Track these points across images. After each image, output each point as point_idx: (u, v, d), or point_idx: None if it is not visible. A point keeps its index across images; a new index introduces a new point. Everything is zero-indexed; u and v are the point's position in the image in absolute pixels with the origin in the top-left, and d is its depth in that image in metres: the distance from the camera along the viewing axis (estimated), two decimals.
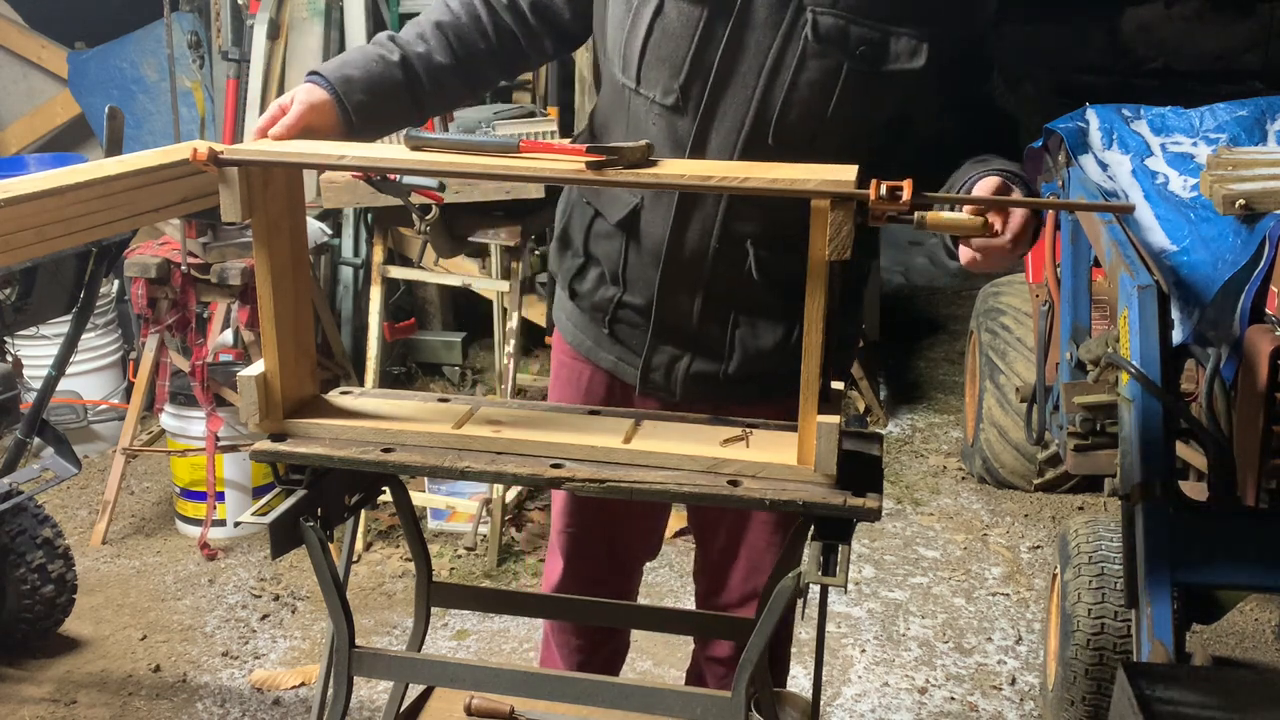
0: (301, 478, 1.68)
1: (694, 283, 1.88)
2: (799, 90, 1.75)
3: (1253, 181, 2.76)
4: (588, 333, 2.04)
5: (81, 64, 5.34)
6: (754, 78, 1.76)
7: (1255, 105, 3.57)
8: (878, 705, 3.06)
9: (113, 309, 4.60)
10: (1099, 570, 2.73)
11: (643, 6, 1.79)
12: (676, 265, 1.87)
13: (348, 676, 1.75)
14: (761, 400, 1.92)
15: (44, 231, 2.30)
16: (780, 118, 1.76)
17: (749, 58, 1.75)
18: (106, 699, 3.02)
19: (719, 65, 1.76)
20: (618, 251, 1.93)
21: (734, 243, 1.84)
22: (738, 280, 1.86)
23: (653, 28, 1.78)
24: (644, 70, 1.81)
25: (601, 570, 2.22)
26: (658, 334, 1.94)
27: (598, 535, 2.19)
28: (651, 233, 1.88)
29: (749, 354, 1.91)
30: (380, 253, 3.87)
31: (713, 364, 1.93)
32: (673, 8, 1.76)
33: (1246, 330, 2.61)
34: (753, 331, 1.90)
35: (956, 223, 1.52)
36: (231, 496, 3.83)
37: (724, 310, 1.89)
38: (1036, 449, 4.03)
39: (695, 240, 1.85)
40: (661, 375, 1.96)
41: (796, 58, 1.74)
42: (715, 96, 1.78)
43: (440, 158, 1.60)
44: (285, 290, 1.70)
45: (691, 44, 1.76)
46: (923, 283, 7.10)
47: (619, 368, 2.01)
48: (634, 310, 1.95)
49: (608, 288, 1.97)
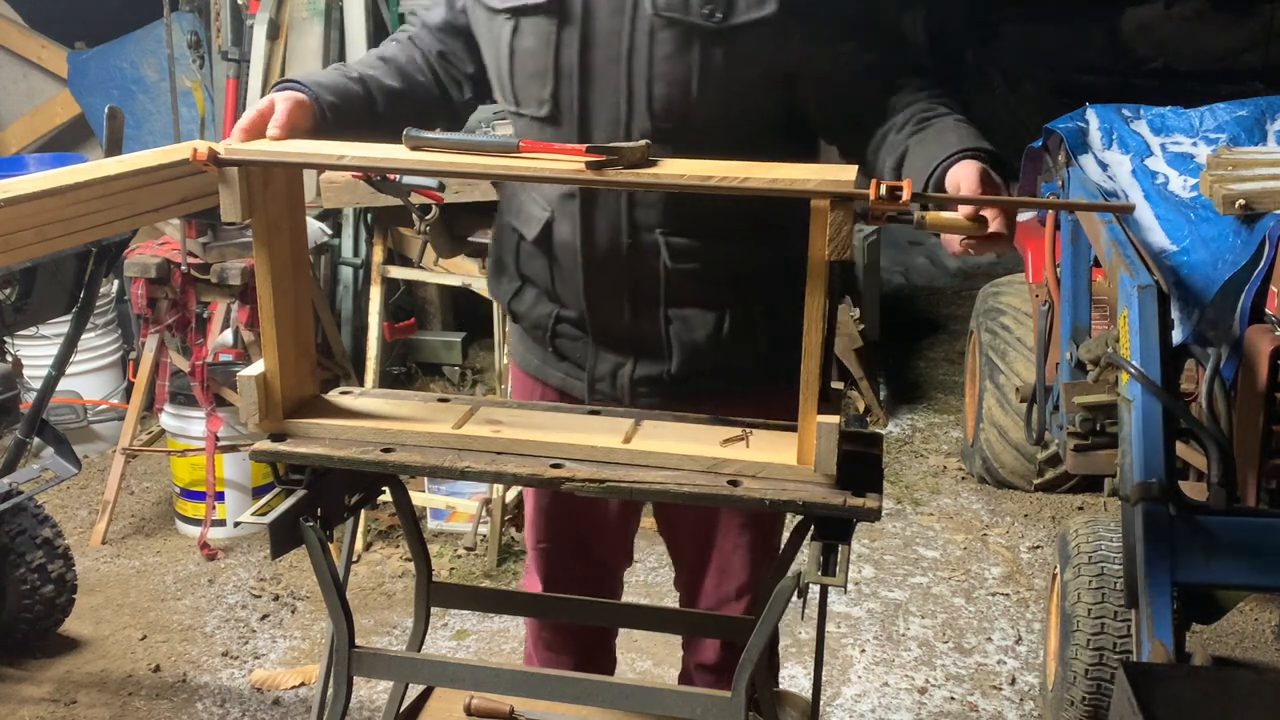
0: (301, 478, 1.68)
1: (618, 285, 1.89)
2: (658, 65, 1.77)
3: (1253, 181, 2.76)
4: (534, 352, 2.07)
5: (81, 64, 5.34)
6: (615, 67, 1.79)
7: (1255, 105, 3.57)
8: (878, 705, 3.06)
9: (113, 309, 4.60)
10: (1099, 570, 2.73)
11: (501, 32, 1.85)
12: (596, 270, 1.89)
13: (348, 676, 1.75)
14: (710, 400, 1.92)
15: (44, 231, 2.30)
16: (650, 100, 1.78)
17: (604, 49, 1.79)
18: (106, 699, 3.02)
19: (579, 65, 1.80)
20: (545, 268, 1.95)
21: (643, 236, 1.85)
22: (657, 274, 1.87)
23: (514, 48, 1.84)
24: (518, 91, 1.87)
25: (579, 582, 2.21)
26: (597, 344, 1.95)
27: (570, 547, 2.19)
28: (566, 243, 1.90)
29: (687, 350, 1.91)
30: (380, 253, 3.87)
31: (656, 366, 1.93)
32: (527, 24, 1.82)
33: (1246, 330, 2.61)
34: (686, 326, 1.90)
35: (957, 223, 1.52)
36: (231, 496, 3.83)
37: (653, 308, 1.90)
38: (1036, 449, 4.02)
39: (607, 241, 1.86)
40: (608, 385, 1.97)
41: (648, 35, 1.76)
42: (584, 96, 1.81)
43: (440, 158, 1.60)
44: (285, 290, 1.70)
45: (549, 53, 1.81)
46: (923, 283, 7.10)
47: (567, 383, 2.02)
48: (571, 324, 1.97)
49: (544, 305, 1.99)
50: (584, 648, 2.30)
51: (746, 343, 1.93)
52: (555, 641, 2.29)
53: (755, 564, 2.13)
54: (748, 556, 2.12)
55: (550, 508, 2.17)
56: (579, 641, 2.29)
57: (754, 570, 2.14)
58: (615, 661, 2.45)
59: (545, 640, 2.29)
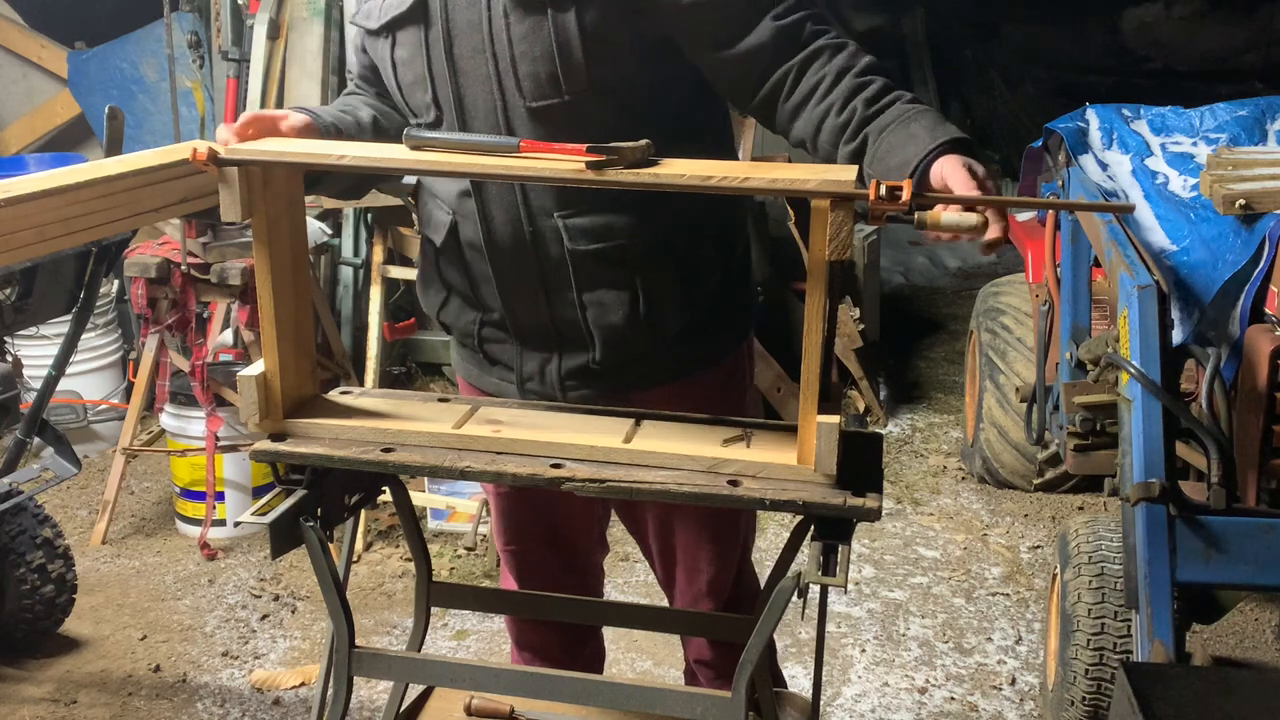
0: (301, 478, 1.68)
1: (528, 277, 1.89)
2: (518, 46, 1.77)
3: (1253, 181, 2.76)
4: (470, 361, 2.08)
5: (81, 64, 5.34)
6: (480, 57, 1.80)
7: (1255, 105, 3.57)
8: (878, 705, 3.06)
9: (113, 309, 4.60)
10: (1099, 570, 2.73)
11: (384, 50, 1.88)
12: (505, 266, 1.89)
13: (348, 676, 1.75)
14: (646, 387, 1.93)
15: (44, 231, 2.30)
16: (518, 82, 1.78)
17: (467, 42, 1.80)
18: (106, 699, 3.02)
19: (448, 63, 1.82)
20: (461, 273, 1.96)
21: (541, 221, 1.85)
22: (563, 259, 1.87)
23: (395, 61, 1.87)
24: (408, 102, 1.90)
25: (556, 580, 2.21)
26: (521, 343, 1.96)
27: (540, 545, 2.20)
28: (471, 242, 1.91)
29: (608, 334, 1.90)
30: (380, 253, 3.87)
31: (580, 356, 1.94)
32: (401, 36, 1.84)
33: (1246, 330, 2.61)
34: (602, 310, 1.89)
35: (957, 223, 1.52)
36: (231, 496, 3.83)
37: (567, 294, 1.89)
38: (1036, 449, 4.02)
39: (508, 233, 1.87)
40: (536, 382, 1.97)
41: (503, 18, 1.77)
42: (458, 93, 1.83)
43: (440, 158, 1.61)
44: (285, 290, 1.70)
45: (422, 58, 1.83)
46: (923, 283, 7.10)
47: (501, 387, 2.03)
48: (494, 326, 1.98)
49: (468, 312, 1.99)
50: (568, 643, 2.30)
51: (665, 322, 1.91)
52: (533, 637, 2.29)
53: (720, 559, 2.14)
54: (712, 551, 2.13)
55: (513, 510, 2.17)
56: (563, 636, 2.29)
57: (719, 566, 2.14)
58: (604, 653, 2.46)
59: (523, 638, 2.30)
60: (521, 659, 2.31)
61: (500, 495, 2.18)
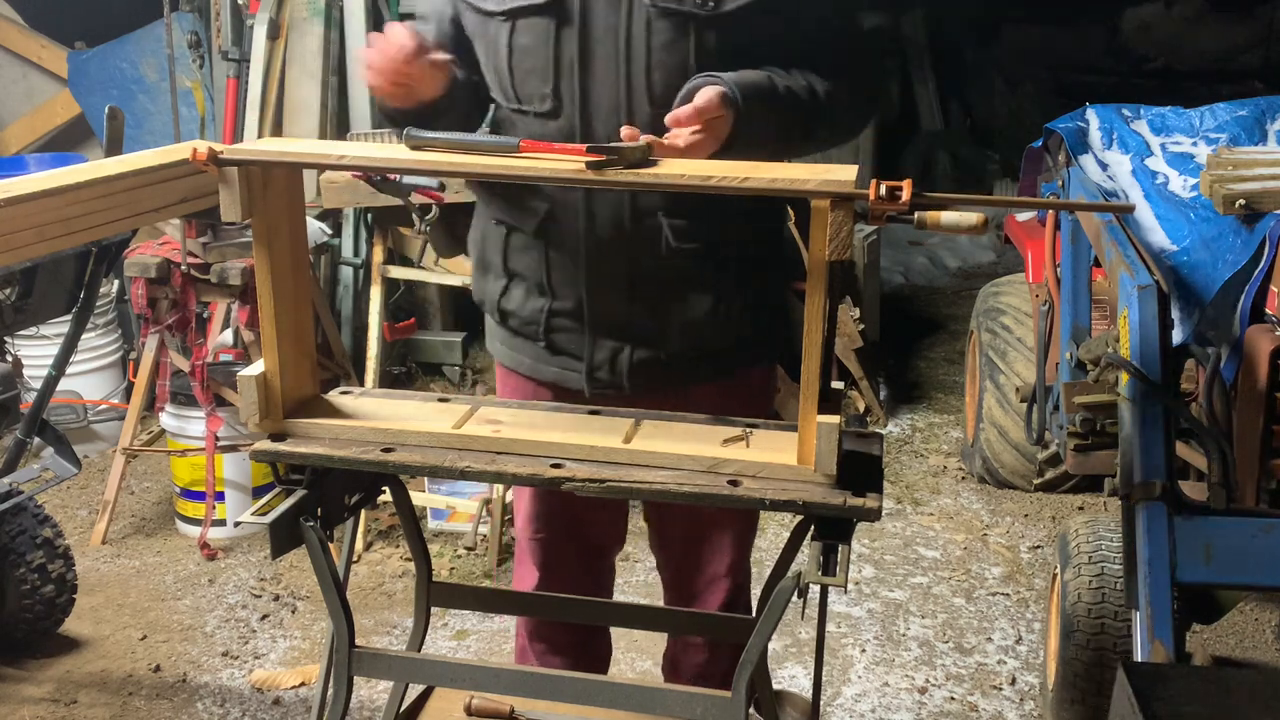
0: (301, 478, 1.68)
1: (618, 270, 1.92)
2: (655, 54, 1.82)
3: (1253, 181, 2.76)
4: (525, 352, 2.07)
5: (81, 64, 5.34)
6: (613, 59, 1.83)
7: (1255, 105, 3.57)
8: (878, 705, 3.06)
9: (113, 309, 4.60)
10: (1099, 570, 2.73)
11: (499, 34, 1.88)
12: (599, 257, 1.91)
13: (348, 676, 1.76)
14: (710, 380, 1.97)
15: (44, 231, 2.30)
16: (649, 88, 1.83)
17: (603, 44, 1.83)
18: (106, 699, 3.02)
19: (579, 58, 1.84)
20: (538, 261, 1.97)
21: (646, 220, 1.88)
22: (658, 256, 1.90)
23: (512, 47, 1.88)
24: (518, 87, 1.90)
25: (575, 571, 2.23)
26: (594, 332, 1.97)
27: (567, 536, 2.20)
28: (567, 232, 1.92)
29: (685, 331, 1.94)
30: (380, 253, 3.87)
31: (653, 349, 1.96)
32: (524, 25, 1.86)
33: (1246, 330, 2.61)
34: (684, 306, 1.93)
35: (957, 223, 1.52)
36: (231, 496, 3.83)
37: (652, 290, 1.93)
38: (1036, 449, 4.02)
39: (610, 227, 1.89)
40: (606, 372, 1.98)
41: (644, 26, 1.81)
42: (585, 88, 1.85)
43: (440, 158, 1.61)
44: (285, 290, 1.70)
45: (549, 49, 1.85)
46: (923, 283, 7.10)
47: (563, 377, 2.03)
48: (566, 316, 1.98)
49: (536, 300, 2.00)
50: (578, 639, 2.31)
51: (736, 322, 1.97)
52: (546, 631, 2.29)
53: (741, 541, 2.18)
54: (732, 532, 2.16)
55: (544, 496, 2.18)
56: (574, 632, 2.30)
57: (739, 548, 2.18)
58: (610, 649, 2.46)
59: (538, 631, 2.30)
60: (533, 650, 2.31)
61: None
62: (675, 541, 2.24)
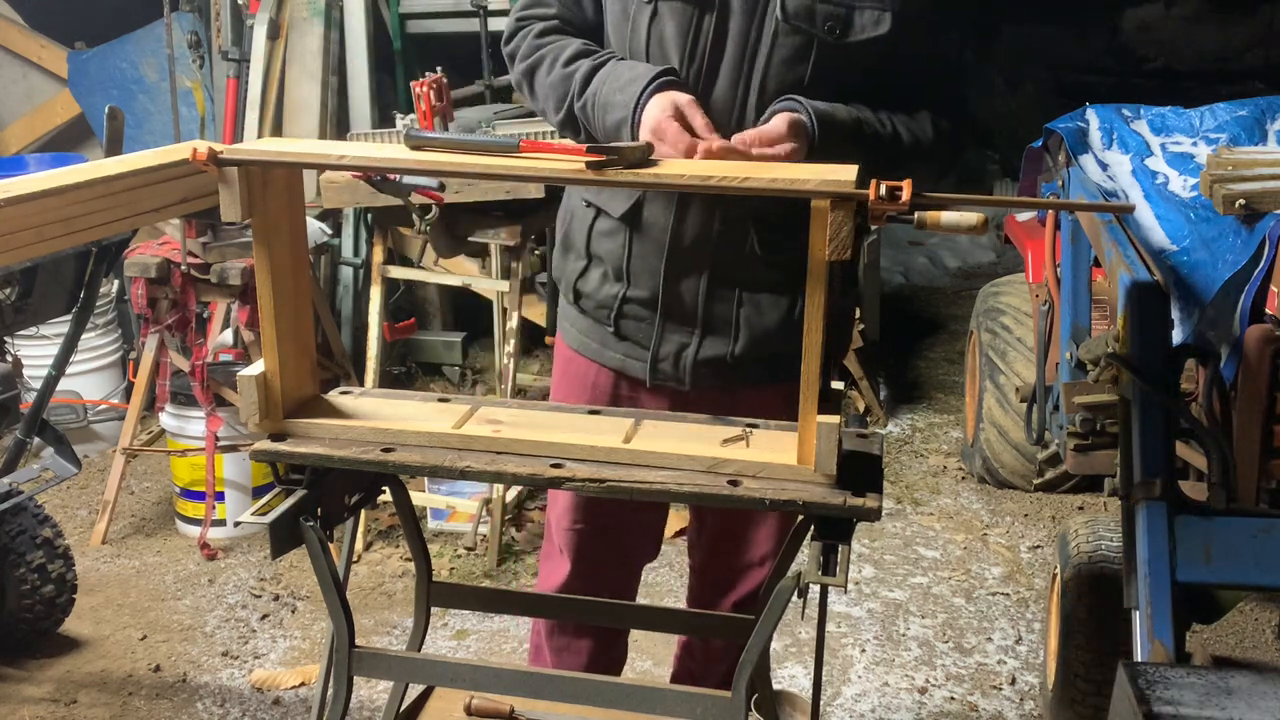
0: (301, 478, 1.68)
1: (699, 267, 1.94)
2: (775, 68, 1.86)
3: (1253, 181, 2.76)
4: (592, 335, 2.08)
5: (81, 64, 5.34)
6: (737, 62, 1.87)
7: (1255, 105, 3.56)
8: (878, 705, 3.06)
9: (113, 309, 4.60)
10: (1099, 570, 2.73)
11: (639, 14, 1.91)
12: (681, 251, 1.93)
13: (348, 676, 1.75)
14: (770, 382, 1.97)
15: (44, 231, 2.30)
16: (762, 96, 1.86)
17: (731, 45, 1.87)
18: (106, 699, 3.02)
19: (708, 55, 1.88)
20: (621, 247, 1.98)
21: (736, 224, 1.91)
22: (741, 260, 1.93)
23: (650, 32, 1.90)
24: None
25: (609, 568, 2.23)
26: (665, 323, 1.99)
27: (605, 531, 2.20)
28: (655, 223, 1.94)
29: (755, 333, 1.96)
30: (380, 253, 3.87)
31: (720, 347, 1.97)
32: (665, 9, 1.88)
33: (1246, 330, 2.61)
34: (757, 310, 1.95)
35: (958, 223, 1.52)
36: (231, 496, 3.83)
37: (728, 291, 1.95)
38: (1036, 449, 4.02)
39: (698, 225, 1.92)
40: (670, 364, 2.00)
41: (771, 38, 1.85)
42: (707, 84, 1.88)
43: (440, 157, 1.61)
44: (285, 290, 1.70)
45: (686, 40, 1.88)
46: (923, 283, 7.10)
47: (627, 364, 2.05)
48: (639, 304, 2.00)
49: (611, 285, 2.01)
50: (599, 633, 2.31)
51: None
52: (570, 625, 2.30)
53: (780, 533, 2.17)
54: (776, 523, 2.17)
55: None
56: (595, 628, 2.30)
57: (778, 539, 2.17)
58: (626, 649, 2.47)
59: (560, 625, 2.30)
60: (550, 646, 2.31)
61: None
62: (710, 526, 2.23)
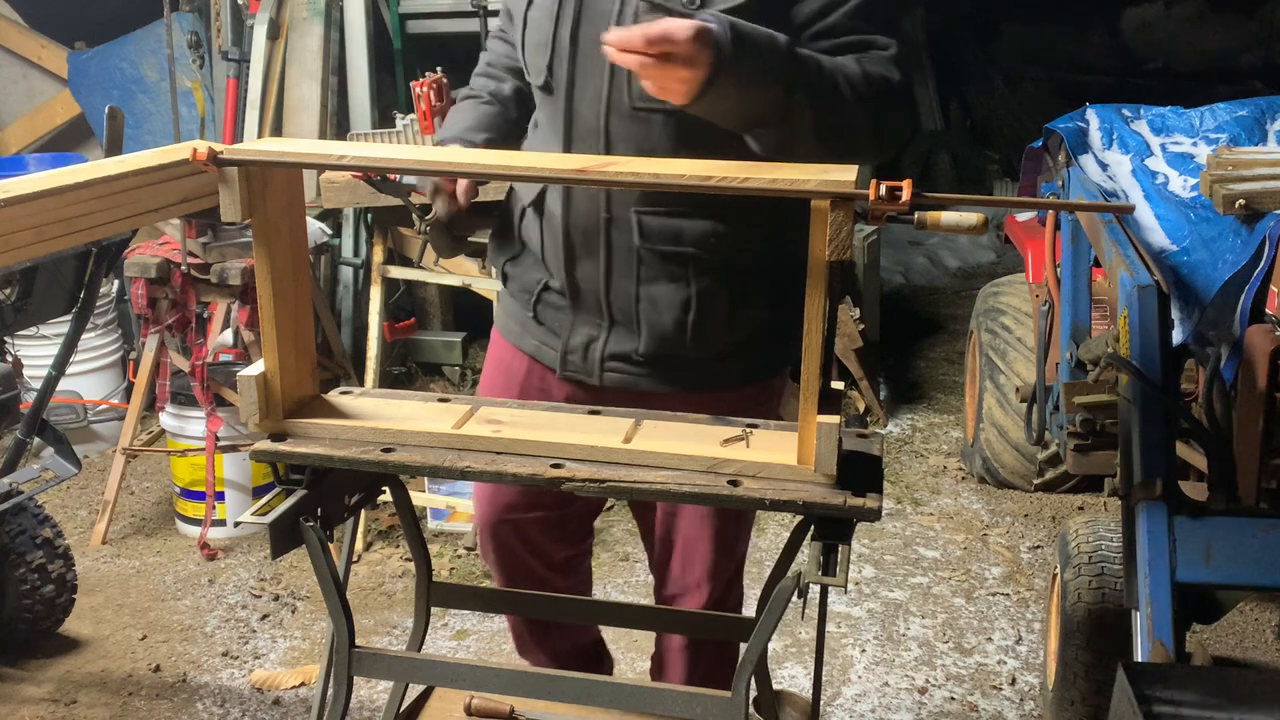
0: (301, 478, 1.68)
1: (595, 257, 1.93)
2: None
3: (1253, 181, 2.76)
4: (515, 318, 2.11)
5: (81, 64, 5.34)
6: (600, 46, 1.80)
7: (1255, 105, 3.57)
8: (878, 705, 3.06)
9: (113, 309, 4.60)
10: (1099, 570, 2.73)
11: (518, 7, 1.94)
12: (577, 239, 1.93)
13: (348, 676, 1.75)
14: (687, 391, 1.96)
15: (44, 231, 2.30)
16: (630, 80, 1.82)
17: (594, 27, 1.84)
18: (106, 699, 3.02)
19: (571, 39, 1.86)
20: (538, 234, 2.00)
21: (620, 212, 1.89)
22: (631, 250, 1.91)
23: (527, 19, 1.92)
24: (527, 61, 1.95)
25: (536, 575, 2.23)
26: (576, 314, 1.99)
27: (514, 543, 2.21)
28: (554, 210, 1.95)
29: (654, 331, 1.94)
30: (380, 253, 3.87)
31: (627, 343, 1.97)
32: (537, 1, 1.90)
33: (1246, 330, 2.61)
34: (654, 306, 1.93)
35: (958, 223, 1.52)
36: (231, 496, 3.83)
37: (627, 284, 1.93)
38: (1036, 449, 4.02)
39: (588, 212, 1.91)
40: (579, 357, 2.00)
41: (633, 18, 1.81)
42: (573, 69, 1.87)
43: (440, 157, 1.61)
44: (285, 290, 1.70)
45: (550, 25, 1.88)
46: (923, 283, 7.10)
47: (541, 351, 2.06)
48: (556, 293, 2.01)
49: (536, 271, 2.03)
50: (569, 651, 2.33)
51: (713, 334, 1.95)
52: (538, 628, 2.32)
53: (716, 555, 2.16)
54: (710, 547, 2.15)
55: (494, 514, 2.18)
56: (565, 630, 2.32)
57: (715, 562, 2.16)
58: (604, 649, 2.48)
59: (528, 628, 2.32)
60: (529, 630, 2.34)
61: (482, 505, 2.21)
62: (656, 543, 2.24)
